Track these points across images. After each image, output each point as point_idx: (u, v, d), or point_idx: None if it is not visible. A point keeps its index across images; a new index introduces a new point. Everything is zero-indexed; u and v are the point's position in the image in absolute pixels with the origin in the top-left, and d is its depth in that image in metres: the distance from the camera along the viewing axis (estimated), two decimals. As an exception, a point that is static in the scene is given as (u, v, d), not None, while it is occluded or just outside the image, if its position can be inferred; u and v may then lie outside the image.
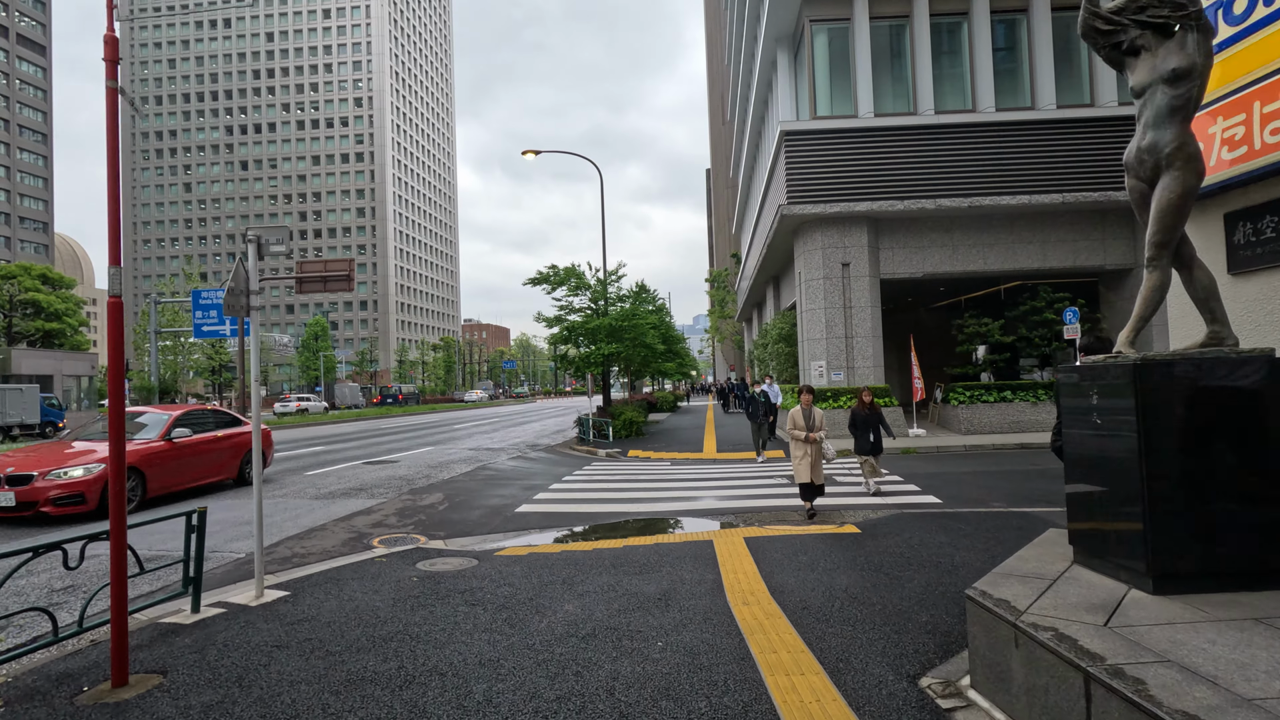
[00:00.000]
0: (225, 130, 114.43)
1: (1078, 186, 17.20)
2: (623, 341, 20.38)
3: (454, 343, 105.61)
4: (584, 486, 10.89)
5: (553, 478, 11.99)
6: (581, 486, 10.89)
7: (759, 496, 9.50)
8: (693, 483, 11.04)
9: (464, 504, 9.43)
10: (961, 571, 5.34)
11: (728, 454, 15.11)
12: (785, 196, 17.57)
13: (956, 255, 18.12)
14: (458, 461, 14.72)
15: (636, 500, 9.50)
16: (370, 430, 27.39)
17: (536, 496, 9.93)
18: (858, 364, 17.65)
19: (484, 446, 18.72)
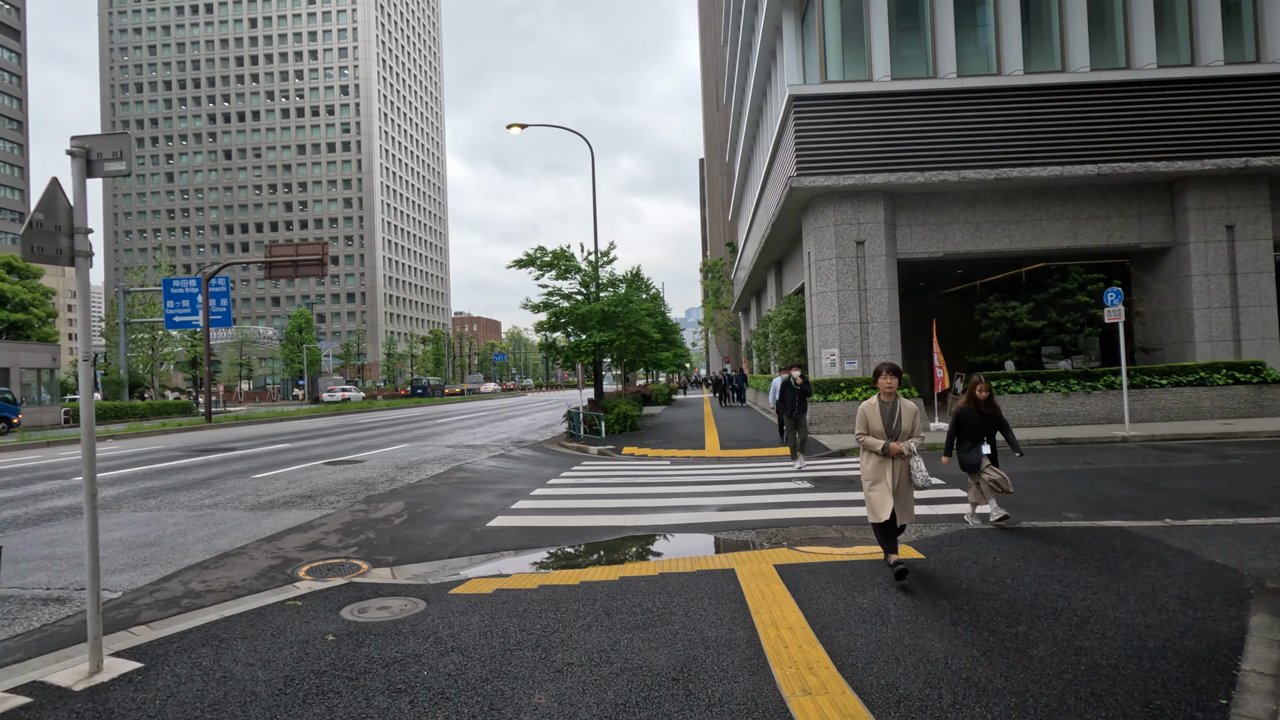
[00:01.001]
0: (208, 118, 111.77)
1: (1114, 156, 15.71)
2: (615, 329, 18.79)
3: (443, 335, 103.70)
4: (571, 492, 9.33)
5: (536, 481, 10.42)
6: (569, 492, 9.33)
7: (779, 505, 7.96)
8: (697, 486, 9.50)
9: (427, 516, 7.85)
10: (1095, 625, 3.82)
11: (733, 451, 13.58)
12: (794, 168, 15.99)
13: (980, 233, 16.62)
14: (431, 461, 13.12)
15: (633, 510, 7.95)
16: (348, 425, 25.72)
17: (515, 505, 8.36)
18: (873, 352, 16.14)
19: (464, 443, 17.12)
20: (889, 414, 4.97)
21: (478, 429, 22.15)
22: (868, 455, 5.03)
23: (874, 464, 4.98)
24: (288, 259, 23.49)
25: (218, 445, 17.77)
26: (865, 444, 5.01)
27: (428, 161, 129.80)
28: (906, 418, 4.97)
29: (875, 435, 4.96)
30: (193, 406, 41.96)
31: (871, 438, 4.97)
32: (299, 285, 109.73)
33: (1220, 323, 16.00)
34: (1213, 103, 15.81)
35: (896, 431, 4.92)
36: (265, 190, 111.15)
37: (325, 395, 59.51)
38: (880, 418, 4.96)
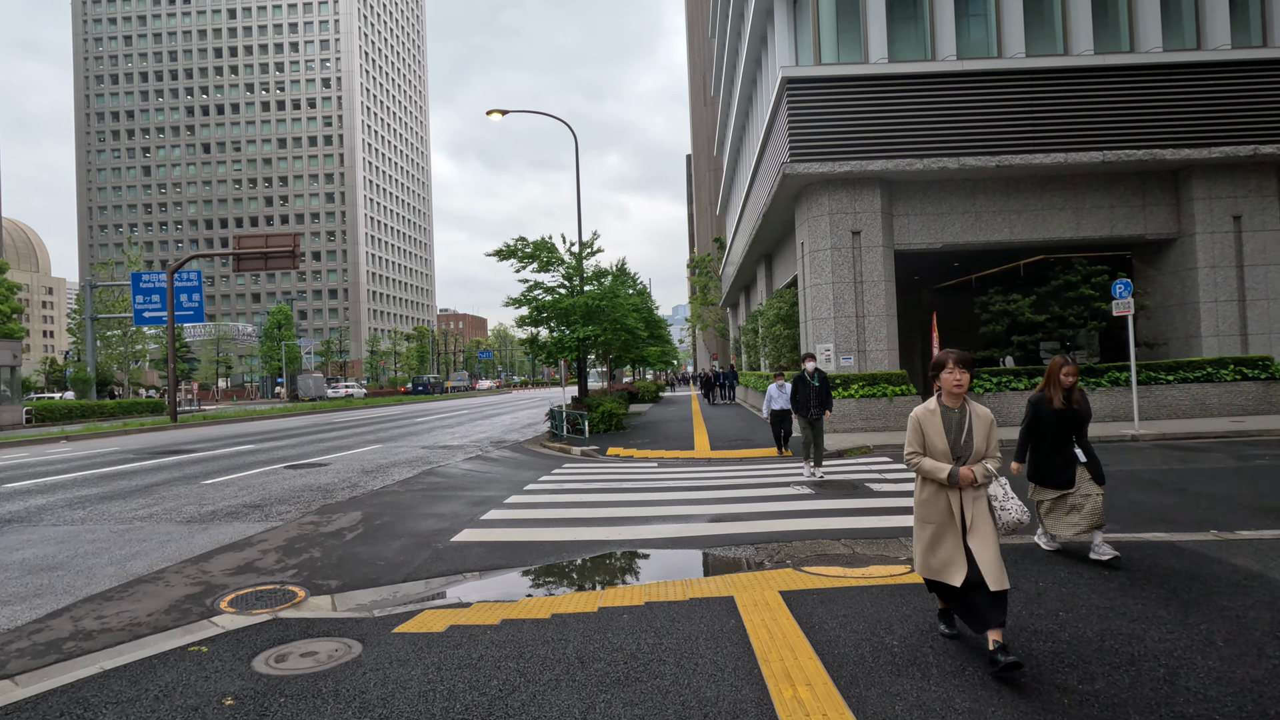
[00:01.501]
0: (186, 111, 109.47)
1: (1119, 143, 15.08)
2: (600, 324, 17.96)
3: (428, 332, 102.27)
4: (549, 500, 8.50)
5: (512, 486, 9.58)
6: (546, 500, 8.50)
7: (778, 515, 7.18)
8: (687, 492, 8.70)
9: (385, 529, 6.99)
10: (1190, 681, 3.05)
11: (724, 452, 12.81)
12: (787, 154, 15.23)
13: (980, 223, 15.95)
14: (401, 464, 12.24)
15: (616, 521, 7.14)
16: (322, 424, 24.70)
17: (486, 516, 7.52)
18: (870, 347, 15.43)
19: (440, 444, 16.22)
20: (955, 425, 3.41)
21: (457, 428, 21.23)
22: (924, 484, 3.54)
23: (933, 497, 3.47)
24: (257, 250, 22.41)
25: (178, 447, 16.75)
26: (921, 469, 3.48)
27: (411, 156, 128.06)
28: (980, 430, 3.39)
29: (936, 456, 3.42)
30: (164, 405, 40.60)
31: (929, 460, 3.44)
32: (280, 281, 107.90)
33: (1227, 317, 15.44)
34: (1220, 88, 15.22)
35: (966, 450, 3.37)
36: (245, 184, 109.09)
37: (330, 392, 62.22)
38: (943, 430, 3.41)
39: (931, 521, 3.49)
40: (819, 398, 9.37)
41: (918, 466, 3.51)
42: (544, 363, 18.80)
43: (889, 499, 7.77)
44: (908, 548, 5.72)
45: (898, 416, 14.48)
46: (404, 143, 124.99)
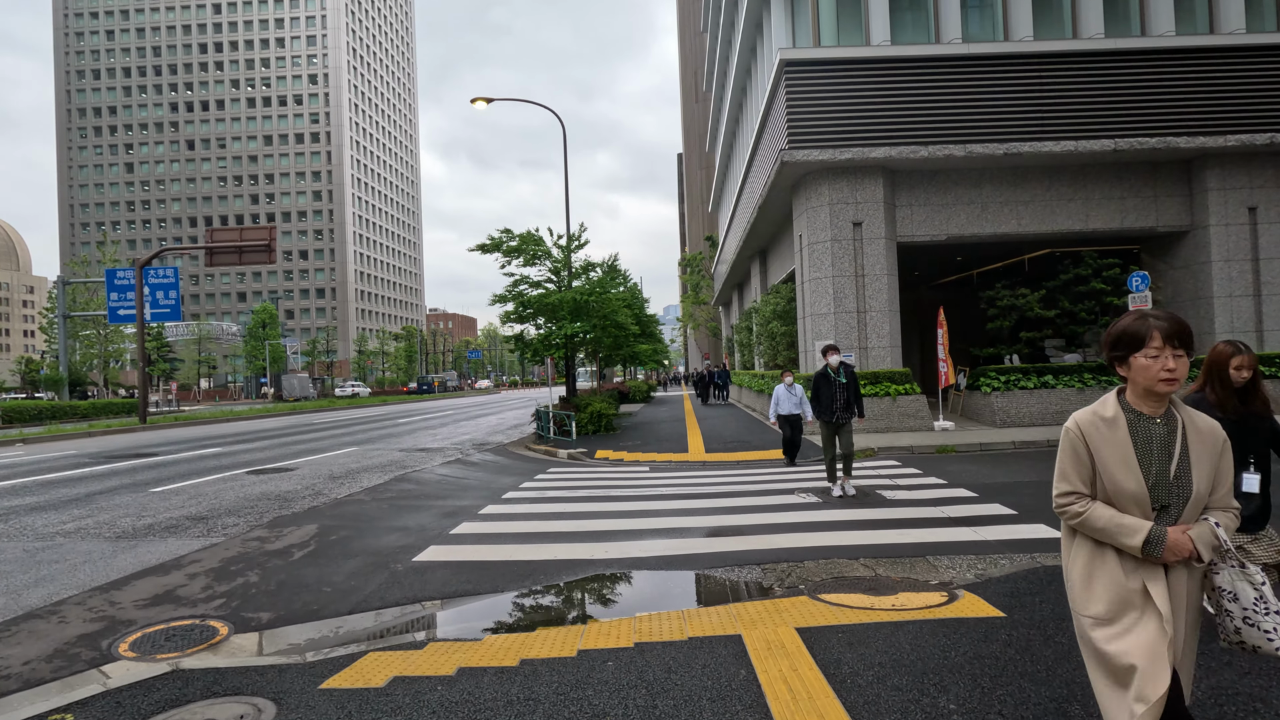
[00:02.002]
0: (170, 107, 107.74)
1: (1131, 130, 14.42)
2: (589, 320, 17.14)
3: (416, 332, 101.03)
4: (529, 510, 7.68)
5: (490, 494, 8.75)
6: (526, 510, 7.69)
7: (784, 528, 6.41)
8: (681, 501, 7.91)
9: (340, 547, 6.16)
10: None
11: (719, 455, 12.03)
12: (785, 140, 14.48)
13: (986, 214, 15.26)
14: (373, 469, 11.38)
15: (602, 535, 6.34)
16: (301, 425, 23.74)
17: (456, 530, 6.70)
18: (872, 343, 14.70)
19: (420, 446, 15.36)
20: (1159, 446, 1.95)
21: (440, 429, 20.36)
22: (1092, 550, 2.02)
23: (1113, 571, 1.96)
24: (231, 244, 21.45)
25: (139, 450, 15.80)
26: (1090, 525, 1.98)
27: (400, 154, 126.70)
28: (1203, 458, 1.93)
29: (1120, 501, 1.96)
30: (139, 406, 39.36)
31: (1104, 509, 1.96)
32: (266, 280, 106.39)
33: (1242, 312, 14.82)
34: (1236, 74, 14.60)
35: (1177, 492, 1.93)
36: (230, 182, 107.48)
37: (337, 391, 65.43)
38: (1133, 457, 1.95)
39: (1109, 608, 1.94)
40: (847, 398, 7.81)
41: (1083, 520, 1.98)
42: (530, 361, 17.97)
43: (905, 509, 7.00)
44: (937, 569, 4.96)
45: (901, 417, 13.76)
46: (393, 140, 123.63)
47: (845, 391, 7.83)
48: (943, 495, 7.61)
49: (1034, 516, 6.43)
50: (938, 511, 6.79)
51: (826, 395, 7.90)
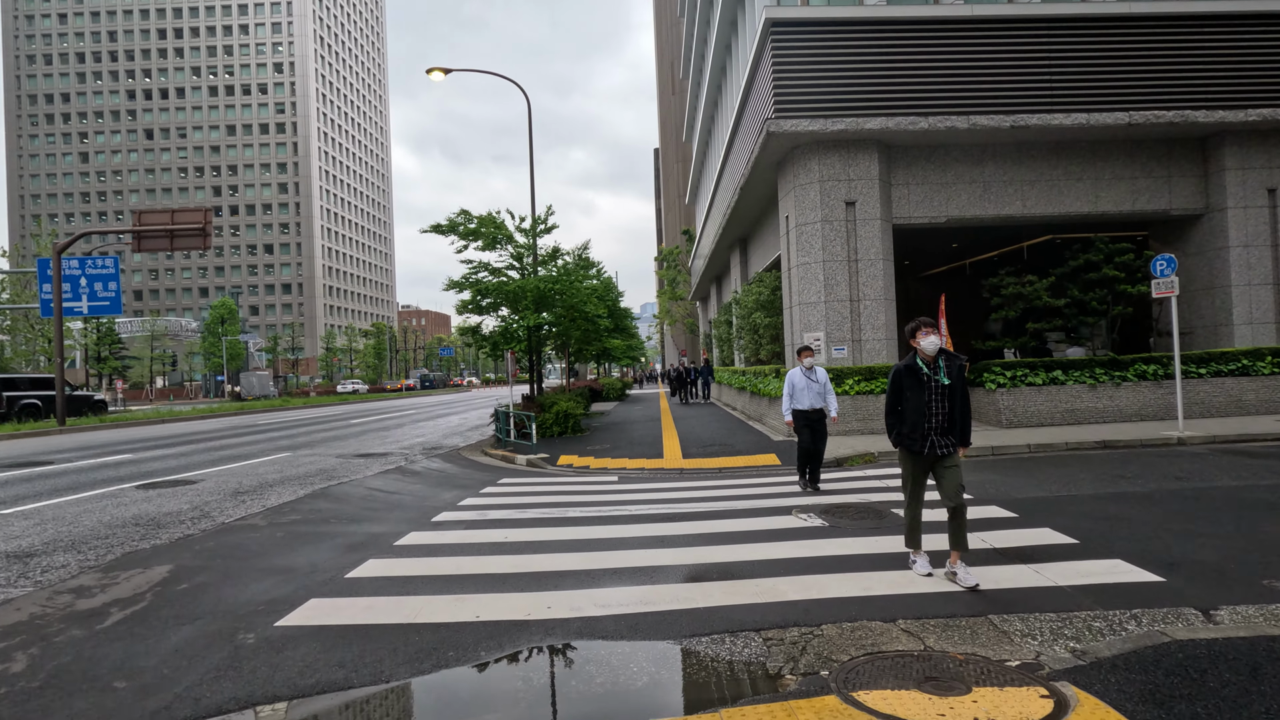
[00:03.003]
0: (126, 94, 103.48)
1: (1146, 103, 13.21)
2: (554, 311, 15.54)
3: (386, 328, 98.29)
4: (462, 538, 6.10)
5: (419, 515, 7.14)
6: (458, 538, 6.10)
7: (783, 566, 4.92)
8: (654, 524, 6.39)
9: (182, 602, 4.53)
10: None
11: (699, 461, 10.52)
12: (772, 109, 13.01)
13: (989, 195, 13.96)
14: (293, 480, 9.68)
15: (549, 577, 4.80)
16: (241, 427, 21.78)
17: (356, 571, 5.10)
18: (866, 335, 13.32)
19: (363, 451, 13.65)
20: None
21: (396, 430, 18.61)
22: None
23: None
24: (160, 228, 19.44)
25: (32, 458, 13.84)
26: None
27: (370, 147, 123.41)
28: None
29: None
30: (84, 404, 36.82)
31: None
32: (230, 275, 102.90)
33: (1261, 302, 13.71)
34: (1259, 43, 13.47)
35: None
36: (191, 173, 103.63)
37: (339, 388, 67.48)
38: None
39: None
40: (951, 410, 4.44)
41: None
42: (489, 355, 16.32)
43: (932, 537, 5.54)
44: (1010, 637, 3.50)
45: (899, 416, 12.36)
46: (362, 133, 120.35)
47: (948, 399, 4.41)
48: (974, 516, 6.17)
49: (1103, 547, 5.01)
50: (974, 539, 5.35)
51: (916, 404, 4.47)
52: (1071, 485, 7.46)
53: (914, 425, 4.49)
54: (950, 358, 4.52)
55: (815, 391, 7.58)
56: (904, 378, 4.57)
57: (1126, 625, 3.62)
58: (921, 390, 4.47)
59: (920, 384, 4.48)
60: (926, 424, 4.45)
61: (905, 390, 4.55)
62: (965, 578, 4.33)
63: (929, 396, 4.45)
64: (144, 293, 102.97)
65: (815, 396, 7.57)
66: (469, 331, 16.29)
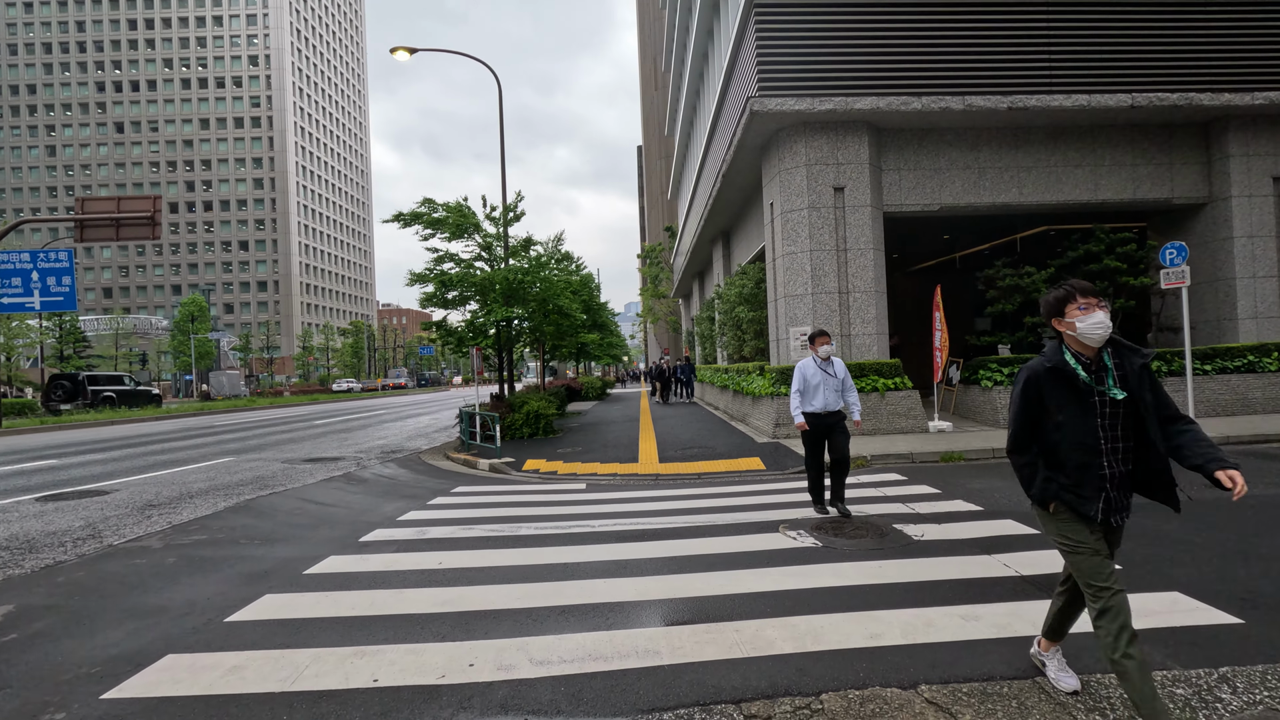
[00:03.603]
0: (96, 87, 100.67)
1: (1149, 84, 12.51)
2: (526, 304, 14.56)
3: (365, 327, 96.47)
4: (388, 564, 5.14)
5: (348, 534, 6.16)
6: (382, 564, 5.14)
7: (774, 604, 4.03)
8: (620, 544, 5.47)
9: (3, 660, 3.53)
10: None
11: (676, 466, 9.61)
12: (756, 87, 12.14)
13: (984, 181, 13.19)
14: (221, 490, 8.63)
15: (481, 620, 3.88)
16: (194, 429, 20.55)
17: (243, 611, 4.13)
18: (856, 330, 12.49)
19: (315, 455, 12.60)
20: None
21: (359, 431, 17.53)
22: None
23: None
24: (105, 216, 18.19)
25: (-43, 462, 12.63)
26: None
27: (349, 142, 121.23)
28: None
29: None
30: (36, 405, 35.21)
31: None
32: (203, 272, 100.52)
33: (1266, 295, 13.07)
34: (1265, 23, 12.82)
35: None
36: (164, 167, 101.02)
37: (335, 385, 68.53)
38: None
39: None
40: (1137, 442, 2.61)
41: None
42: (454, 351, 15.28)
43: (946, 561, 4.67)
44: (1072, 714, 2.60)
45: (891, 416, 11.57)
46: (340, 127, 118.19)
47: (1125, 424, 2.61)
48: (989, 533, 5.32)
49: (1155, 576, 4.16)
50: (999, 567, 4.48)
51: (1079, 432, 2.61)
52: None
53: (1081, 470, 2.59)
54: (1126, 351, 2.64)
55: (832, 388, 6.20)
56: (1047, 386, 2.64)
57: (1220, 693, 2.76)
58: (1082, 407, 2.59)
59: (1078, 396, 2.60)
60: (1101, 469, 2.58)
61: (1051, 406, 2.63)
62: (1061, 677, 2.89)
63: (1097, 417, 2.58)
64: (114, 290, 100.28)
65: (832, 394, 6.20)
66: (433, 327, 15.24)
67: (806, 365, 6.27)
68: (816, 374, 6.20)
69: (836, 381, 6.21)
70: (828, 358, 6.26)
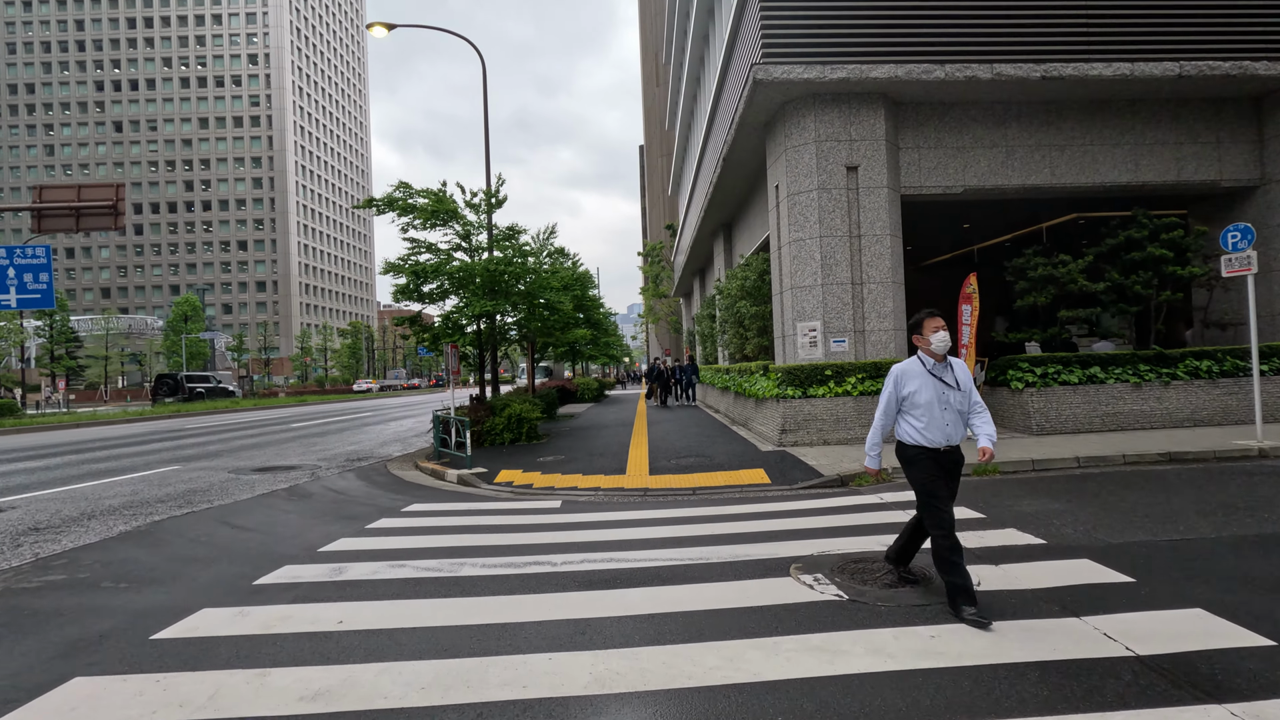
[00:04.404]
0: (95, 86, 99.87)
1: (1198, 51, 11.21)
2: (509, 297, 13.32)
3: (363, 327, 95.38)
4: (274, 623, 3.90)
5: (250, 571, 4.92)
6: (270, 621, 3.90)
7: (795, 705, 2.75)
8: (582, 594, 4.23)
9: None
10: None
11: (668, 478, 8.34)
12: (760, 53, 10.88)
13: (1012, 161, 11.91)
14: (135, 507, 7.40)
15: (398, 706, 2.60)
16: (162, 432, 19.35)
17: (11, 716, 2.88)
18: (871, 325, 11.21)
19: (272, 464, 11.36)
20: None
21: (334, 435, 16.30)
22: None
23: None
24: (65, 205, 17.04)
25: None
26: None
27: (349, 142, 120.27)
28: None
29: None
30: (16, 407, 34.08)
31: None
32: (202, 272, 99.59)
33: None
34: (1325, -16, 11.53)
35: None
36: (162, 167, 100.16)
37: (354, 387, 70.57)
38: None
39: None
40: None
41: None
42: (429, 349, 14.04)
43: (1021, 628, 3.39)
44: None
45: (911, 421, 10.27)
46: (341, 128, 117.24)
47: None
48: (1066, 580, 4.04)
49: None
50: (1100, 640, 3.21)
51: None
52: (1173, 521, 5.36)
53: None
54: None
55: (956, 406, 3.79)
56: None
57: None
58: None
59: None
60: None
61: None
62: None
63: None
64: (112, 290, 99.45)
65: (955, 416, 3.78)
66: (406, 322, 13.99)
67: (909, 370, 3.89)
68: (929, 385, 3.79)
69: (961, 396, 3.79)
70: (945, 356, 3.86)
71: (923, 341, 3.88)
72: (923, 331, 3.88)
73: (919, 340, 3.92)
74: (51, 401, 46.11)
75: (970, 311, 10.17)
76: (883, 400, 3.99)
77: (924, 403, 3.77)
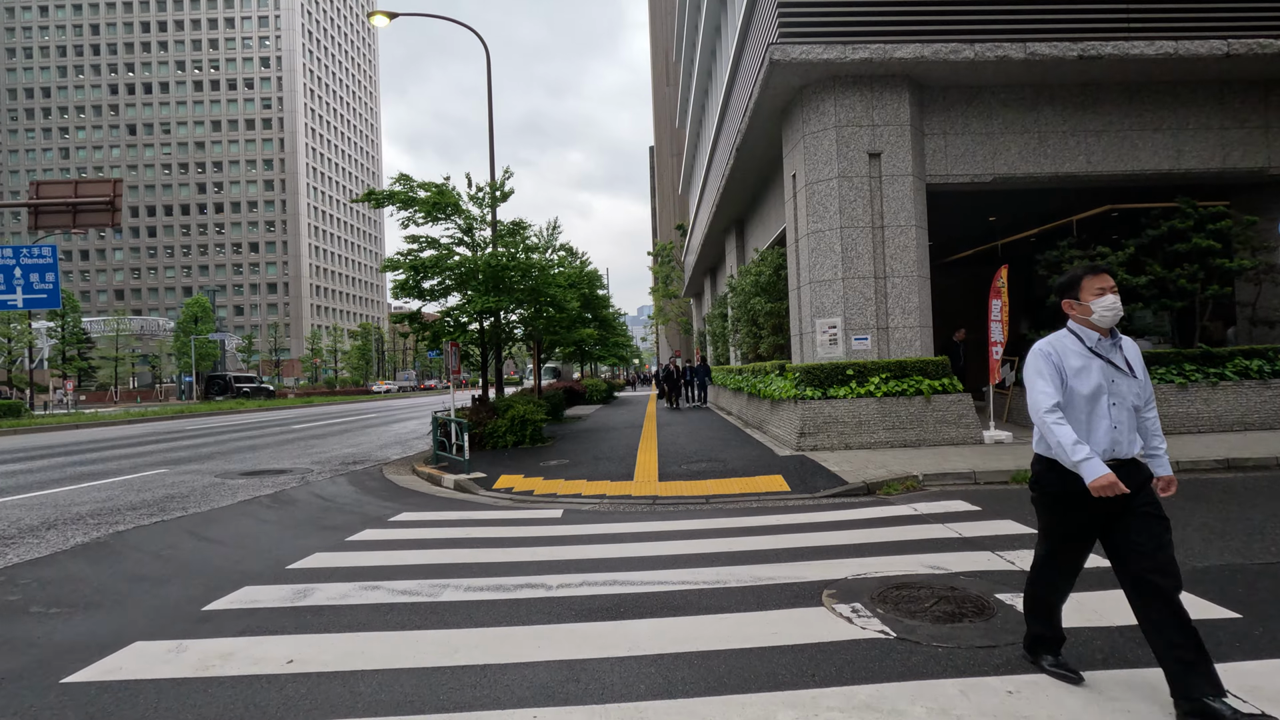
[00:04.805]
0: (109, 89, 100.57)
1: (1246, 28, 10.47)
2: (512, 294, 12.74)
3: (373, 329, 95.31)
4: (224, 657, 3.32)
5: (206, 592, 4.35)
6: (217, 654, 3.32)
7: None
8: (577, 625, 3.62)
9: None
10: None
11: (679, 485, 7.71)
12: (776, 32, 10.24)
13: (1045, 148, 11.19)
14: (104, 514, 6.86)
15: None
16: (161, 434, 18.93)
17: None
18: (895, 322, 10.53)
19: (264, 466, 10.83)
20: None
21: (335, 437, 15.80)
22: None
23: None
24: (61, 201, 16.68)
25: None
26: None
27: (360, 144, 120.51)
28: None
29: None
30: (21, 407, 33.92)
31: None
32: (214, 274, 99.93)
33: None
34: (1384, -44, 10.76)
35: None
36: (175, 169, 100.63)
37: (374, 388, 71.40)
38: None
39: None
40: None
41: None
42: (428, 347, 13.49)
43: (1116, 680, 2.74)
44: None
45: (937, 424, 9.61)
46: (352, 129, 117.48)
47: None
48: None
49: None
50: (1242, 686, 2.55)
51: None
52: (1259, 540, 4.68)
53: None
54: None
55: (1128, 399, 2.66)
56: None
57: None
58: None
59: None
60: None
61: None
62: None
63: None
64: (126, 292, 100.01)
65: (1126, 416, 2.64)
66: (405, 319, 13.43)
67: (1061, 343, 2.72)
68: (1095, 368, 2.65)
69: (1136, 384, 2.68)
70: (1112, 329, 2.71)
71: (1080, 309, 2.70)
72: (1079, 294, 2.70)
73: (1073, 308, 2.73)
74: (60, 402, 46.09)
75: (1000, 307, 9.49)
76: (1040, 373, 2.66)
77: (1087, 393, 2.60)
